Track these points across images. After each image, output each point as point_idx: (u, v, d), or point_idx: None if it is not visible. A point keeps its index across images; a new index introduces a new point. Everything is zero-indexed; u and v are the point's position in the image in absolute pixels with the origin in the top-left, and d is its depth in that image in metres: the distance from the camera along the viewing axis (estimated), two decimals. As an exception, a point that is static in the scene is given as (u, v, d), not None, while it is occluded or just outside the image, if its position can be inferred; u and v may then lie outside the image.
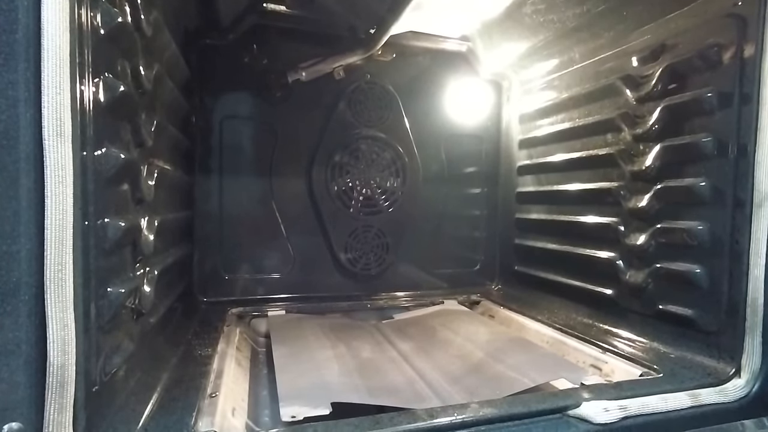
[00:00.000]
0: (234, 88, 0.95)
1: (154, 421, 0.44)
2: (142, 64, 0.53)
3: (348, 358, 0.69)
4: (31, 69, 0.33)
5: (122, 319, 0.47)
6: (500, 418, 0.44)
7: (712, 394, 0.51)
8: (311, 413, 0.47)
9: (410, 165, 1.06)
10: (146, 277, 0.55)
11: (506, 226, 1.13)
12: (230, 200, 0.95)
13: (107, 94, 0.41)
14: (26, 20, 0.32)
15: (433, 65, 1.08)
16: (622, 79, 0.77)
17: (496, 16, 0.94)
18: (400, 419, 0.43)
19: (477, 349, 0.74)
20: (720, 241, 0.59)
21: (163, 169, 0.65)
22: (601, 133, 0.83)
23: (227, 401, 0.50)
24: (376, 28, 0.92)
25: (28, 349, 0.33)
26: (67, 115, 0.34)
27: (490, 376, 0.63)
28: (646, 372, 0.59)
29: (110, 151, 0.42)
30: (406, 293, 1.08)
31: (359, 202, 1.03)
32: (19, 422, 0.33)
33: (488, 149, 1.15)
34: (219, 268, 0.95)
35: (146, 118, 0.56)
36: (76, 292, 0.35)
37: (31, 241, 0.33)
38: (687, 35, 0.66)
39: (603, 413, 0.44)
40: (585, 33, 0.85)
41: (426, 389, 0.60)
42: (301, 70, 0.94)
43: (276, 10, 0.93)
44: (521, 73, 1.09)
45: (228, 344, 0.69)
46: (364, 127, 1.03)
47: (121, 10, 0.45)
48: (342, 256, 1.02)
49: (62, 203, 0.34)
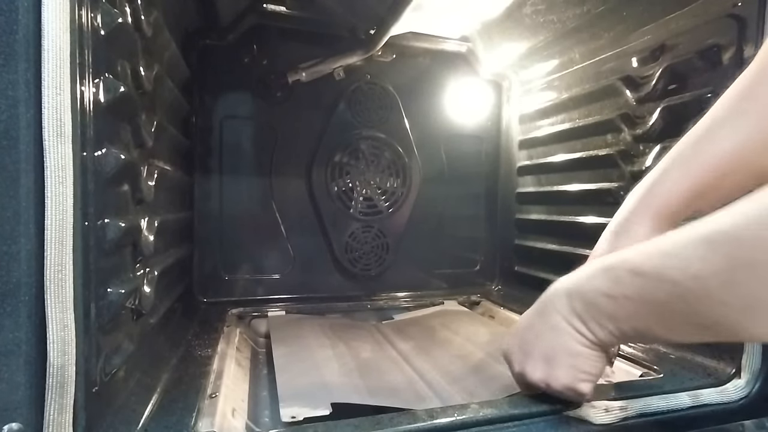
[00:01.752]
0: (234, 89, 0.95)
1: (154, 421, 0.44)
2: (143, 65, 0.53)
3: (348, 359, 0.69)
4: (32, 69, 0.32)
5: (122, 320, 0.47)
6: (500, 419, 0.44)
7: (713, 395, 0.51)
8: (311, 414, 0.47)
9: (410, 165, 1.06)
10: (146, 278, 0.55)
11: (506, 227, 1.13)
12: (230, 201, 0.95)
13: (107, 95, 0.41)
14: (26, 21, 0.32)
15: (433, 66, 1.08)
16: (622, 79, 0.77)
17: (496, 17, 0.94)
18: (401, 419, 0.43)
19: (477, 349, 0.74)
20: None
21: (164, 169, 0.65)
22: (601, 133, 0.83)
23: (227, 402, 0.50)
24: (376, 28, 0.92)
25: (28, 349, 0.33)
26: (68, 115, 0.34)
27: (490, 375, 0.63)
28: (646, 372, 0.59)
29: (110, 152, 0.42)
30: (406, 293, 1.08)
31: (359, 202, 1.03)
32: (19, 422, 0.33)
33: (488, 149, 1.15)
34: (219, 269, 0.95)
35: (146, 119, 0.56)
36: (76, 292, 0.35)
37: (31, 241, 0.33)
38: (687, 35, 0.66)
39: (603, 414, 0.44)
40: (585, 33, 0.85)
41: (426, 389, 0.60)
42: (301, 70, 0.95)
43: (276, 11, 0.93)
44: (521, 73, 1.09)
45: (228, 345, 0.69)
46: (364, 128, 1.03)
47: (122, 10, 0.45)
48: (342, 256, 1.02)
49: (62, 203, 0.34)
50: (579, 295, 0.41)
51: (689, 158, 0.43)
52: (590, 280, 0.41)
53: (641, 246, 0.37)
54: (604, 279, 0.39)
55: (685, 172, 0.44)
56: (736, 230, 0.29)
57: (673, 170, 0.45)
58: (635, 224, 0.47)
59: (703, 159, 0.42)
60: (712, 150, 0.42)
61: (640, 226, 0.47)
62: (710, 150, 0.42)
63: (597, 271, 0.40)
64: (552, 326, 0.43)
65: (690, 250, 0.32)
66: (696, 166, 0.43)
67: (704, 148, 0.42)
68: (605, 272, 0.39)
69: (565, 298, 0.42)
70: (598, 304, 0.39)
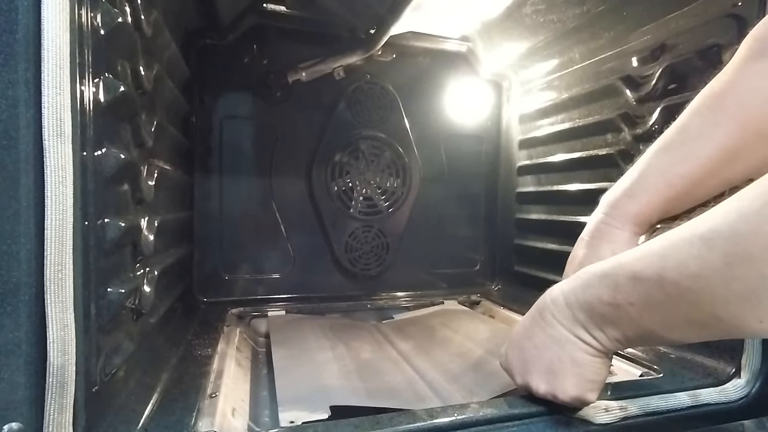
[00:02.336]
0: (234, 88, 0.95)
1: (154, 421, 0.44)
2: (142, 65, 0.53)
3: (348, 359, 0.69)
4: (31, 69, 0.32)
5: (122, 320, 0.47)
6: (500, 419, 0.44)
7: (713, 394, 0.51)
8: (310, 418, 0.47)
9: (410, 165, 1.06)
10: (146, 278, 0.55)
11: (506, 226, 1.13)
12: (230, 200, 0.95)
13: (107, 94, 0.41)
14: (26, 20, 0.32)
15: (433, 65, 1.08)
16: (622, 79, 0.77)
17: (496, 17, 0.94)
18: (401, 419, 0.43)
19: (477, 346, 0.74)
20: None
21: (163, 169, 0.65)
22: (602, 133, 0.83)
23: (227, 401, 0.50)
24: (376, 28, 0.92)
25: (28, 349, 0.33)
26: (67, 115, 0.34)
27: (489, 372, 0.63)
28: (646, 372, 0.59)
29: (110, 152, 0.42)
30: (406, 293, 1.08)
31: (359, 202, 1.03)
32: (19, 422, 0.33)
33: (488, 149, 1.15)
34: (219, 269, 0.95)
35: (146, 118, 0.56)
36: (76, 292, 0.35)
37: (31, 241, 0.33)
38: (687, 35, 0.66)
39: (603, 413, 0.44)
40: (585, 33, 0.85)
41: (426, 389, 0.60)
42: (301, 70, 0.95)
43: (276, 11, 0.93)
44: (521, 73, 1.09)
45: (228, 344, 0.69)
46: (364, 127, 1.03)
47: (122, 10, 0.45)
48: (342, 256, 1.02)
49: (62, 203, 0.34)
50: (579, 305, 0.41)
51: (666, 166, 0.46)
52: (588, 289, 0.40)
53: (635, 251, 0.37)
54: (603, 286, 0.39)
55: (662, 179, 0.46)
56: (731, 227, 0.30)
57: (650, 177, 0.47)
58: (615, 228, 0.49)
59: (680, 169, 0.45)
60: (688, 160, 0.44)
61: (619, 230, 0.48)
62: (686, 160, 0.44)
63: (593, 278, 0.40)
64: (554, 337, 0.42)
65: (687, 250, 0.32)
66: (672, 175, 0.45)
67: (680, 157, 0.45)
68: (602, 279, 0.39)
69: (566, 308, 0.42)
70: (600, 313, 0.39)
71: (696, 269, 0.31)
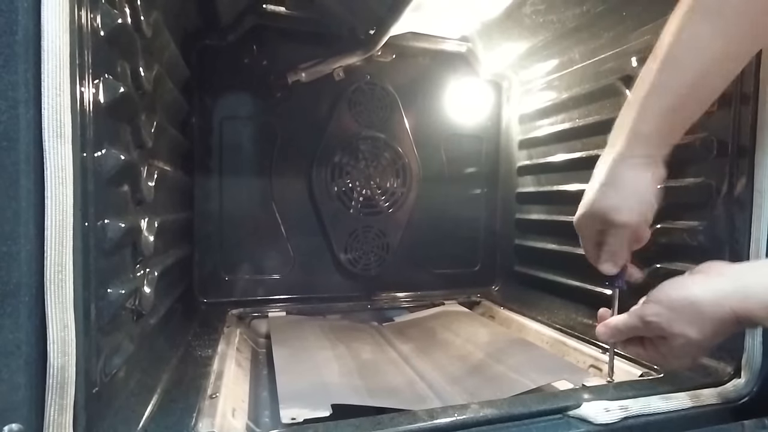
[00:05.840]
0: (234, 89, 0.95)
1: (154, 422, 0.44)
2: (142, 65, 0.53)
3: (348, 360, 0.69)
4: (31, 70, 0.32)
5: (122, 320, 0.47)
6: (500, 419, 0.44)
7: (713, 394, 0.51)
8: (311, 415, 0.47)
9: (410, 165, 1.06)
10: (146, 278, 0.55)
11: (506, 227, 1.13)
12: (230, 201, 0.95)
13: (107, 95, 0.41)
14: (26, 22, 0.32)
15: (433, 66, 1.08)
16: (622, 79, 0.77)
17: (496, 17, 0.94)
18: (401, 420, 0.43)
19: (477, 349, 0.74)
20: (720, 241, 0.59)
21: (163, 170, 0.65)
22: (601, 133, 0.83)
23: (227, 402, 0.50)
24: (375, 28, 0.92)
25: (28, 350, 0.33)
26: (67, 116, 0.34)
27: (490, 376, 0.63)
28: (647, 372, 0.59)
29: (110, 152, 0.42)
30: (406, 294, 1.08)
31: (359, 202, 1.03)
32: (19, 423, 0.33)
33: (488, 149, 1.15)
34: (219, 269, 0.95)
35: (146, 119, 0.56)
36: (76, 293, 0.35)
37: (30, 242, 0.33)
38: (687, 35, 0.66)
39: (604, 413, 0.44)
40: (585, 33, 0.85)
41: (426, 390, 0.60)
42: (300, 71, 0.94)
43: (276, 11, 0.93)
44: (521, 73, 1.09)
45: (228, 345, 0.69)
46: (364, 128, 1.03)
47: (121, 11, 0.45)
48: (342, 256, 1.02)
49: (62, 204, 0.34)
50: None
51: (663, 85, 0.48)
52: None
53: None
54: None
55: (663, 101, 0.48)
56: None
57: (651, 100, 0.49)
58: (635, 158, 0.53)
59: (676, 80, 0.47)
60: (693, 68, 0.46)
61: (638, 159, 0.52)
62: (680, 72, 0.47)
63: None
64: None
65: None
66: (678, 86, 0.47)
67: (674, 72, 0.47)
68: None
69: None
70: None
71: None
